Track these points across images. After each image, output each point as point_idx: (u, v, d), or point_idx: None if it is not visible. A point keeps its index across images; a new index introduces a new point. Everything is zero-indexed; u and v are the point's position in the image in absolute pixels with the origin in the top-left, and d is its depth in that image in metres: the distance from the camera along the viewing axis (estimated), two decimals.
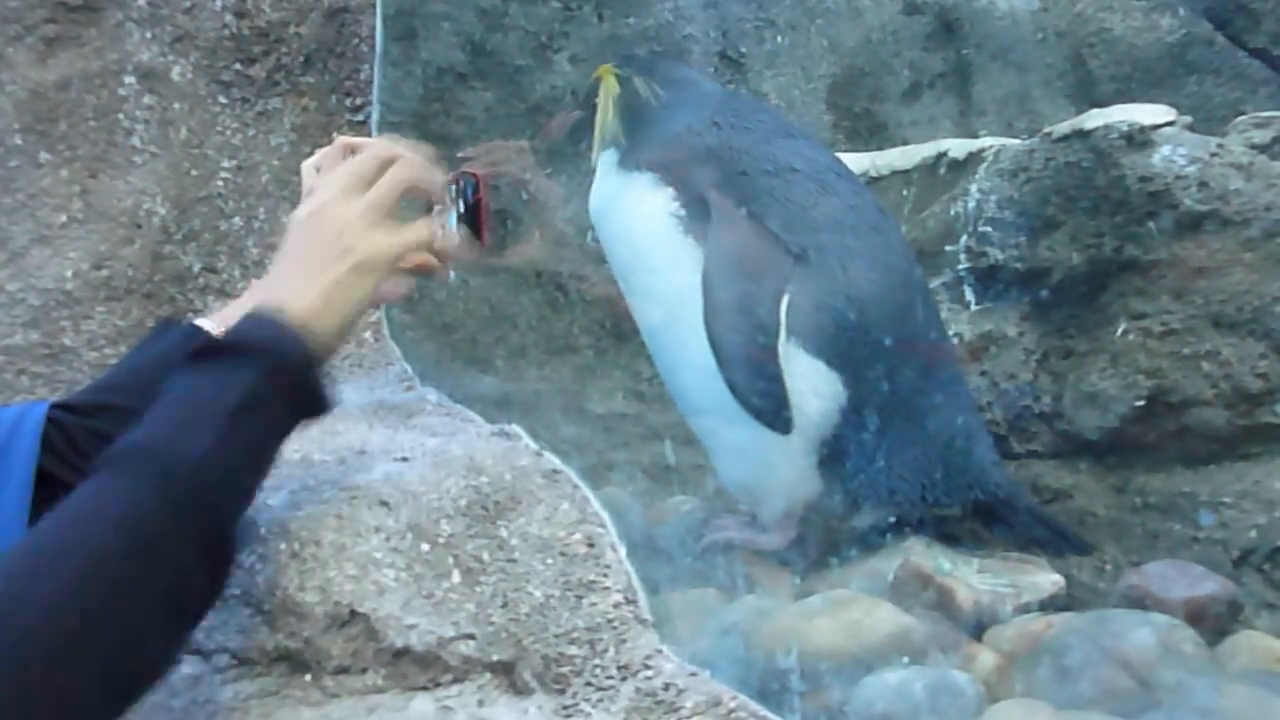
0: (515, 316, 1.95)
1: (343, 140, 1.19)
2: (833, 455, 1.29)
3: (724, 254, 1.25)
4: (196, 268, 1.63)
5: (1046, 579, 1.28)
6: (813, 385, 1.26)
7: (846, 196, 1.34)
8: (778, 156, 1.32)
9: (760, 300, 1.24)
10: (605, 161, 1.42)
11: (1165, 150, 1.45)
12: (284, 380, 0.89)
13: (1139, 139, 1.46)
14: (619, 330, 1.92)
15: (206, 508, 0.82)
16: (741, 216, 1.27)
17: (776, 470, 1.30)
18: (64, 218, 1.61)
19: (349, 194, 1.00)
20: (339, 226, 0.98)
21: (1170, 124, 1.47)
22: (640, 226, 1.32)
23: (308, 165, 1.20)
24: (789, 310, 1.25)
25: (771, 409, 1.24)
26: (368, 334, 1.62)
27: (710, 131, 1.32)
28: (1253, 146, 1.49)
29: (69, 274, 1.58)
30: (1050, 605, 1.25)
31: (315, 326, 0.93)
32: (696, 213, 1.29)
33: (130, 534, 0.77)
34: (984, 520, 1.35)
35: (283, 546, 0.97)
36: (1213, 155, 1.44)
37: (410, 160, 1.04)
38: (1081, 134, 1.50)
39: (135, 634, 0.77)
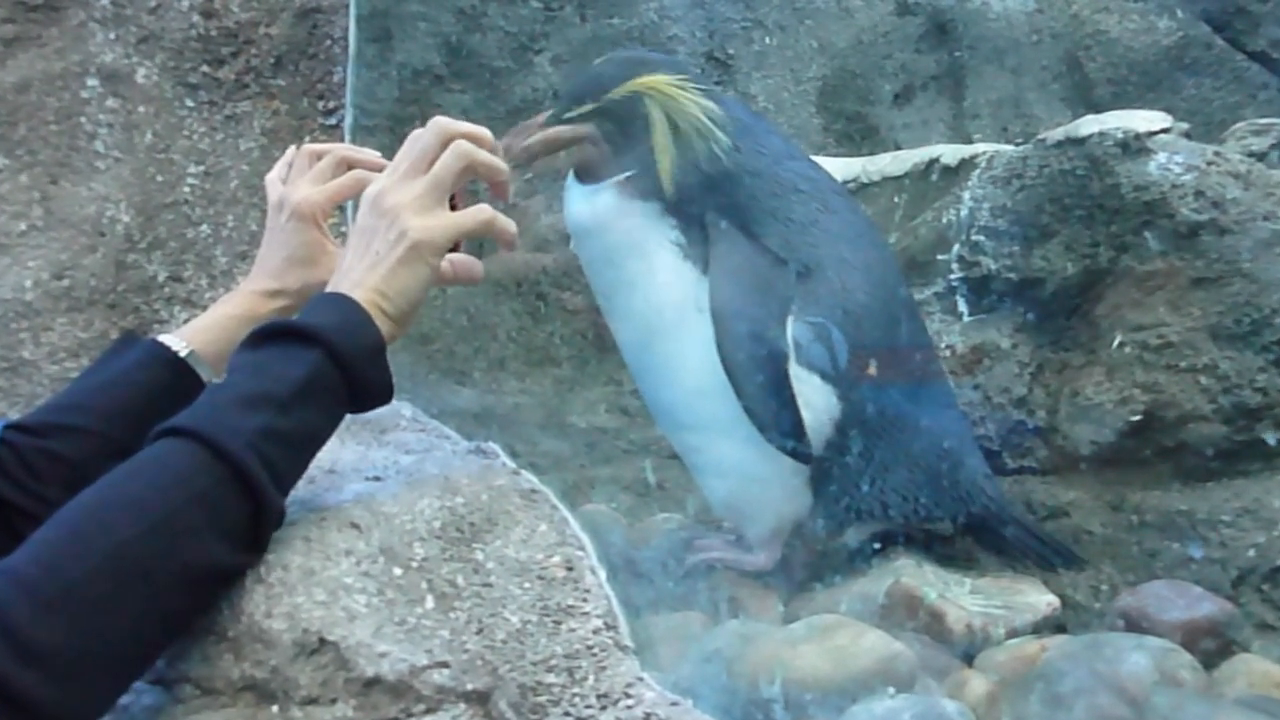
0: (494, 327, 1.95)
1: (308, 148, 1.19)
2: (824, 470, 1.30)
3: (731, 280, 1.27)
4: (162, 277, 1.62)
5: (1041, 599, 1.29)
6: (807, 399, 1.27)
7: (844, 214, 1.36)
8: (785, 178, 1.33)
9: (771, 326, 1.26)
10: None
11: (1161, 158, 1.45)
12: (347, 365, 0.95)
13: (1134, 146, 1.47)
14: (601, 341, 1.91)
15: (254, 484, 0.88)
16: (743, 240, 1.28)
17: (766, 487, 1.31)
18: (23, 225, 1.60)
19: (408, 177, 1.03)
20: (395, 212, 1.01)
21: (1166, 131, 1.48)
22: (638, 256, 1.31)
23: (271, 178, 1.20)
24: (791, 328, 1.27)
25: (791, 437, 1.26)
26: None
27: (727, 156, 1.30)
28: (1250, 154, 1.50)
29: (28, 284, 1.57)
30: (1044, 627, 1.26)
31: (377, 312, 0.99)
32: (697, 237, 1.30)
33: (183, 494, 0.85)
34: (976, 536, 1.36)
35: (248, 570, 0.97)
36: (1209, 163, 1.45)
37: (467, 144, 1.05)
38: (1075, 141, 1.51)
39: (174, 590, 0.86)
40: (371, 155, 1.21)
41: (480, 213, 1.05)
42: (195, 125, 1.65)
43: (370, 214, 1.02)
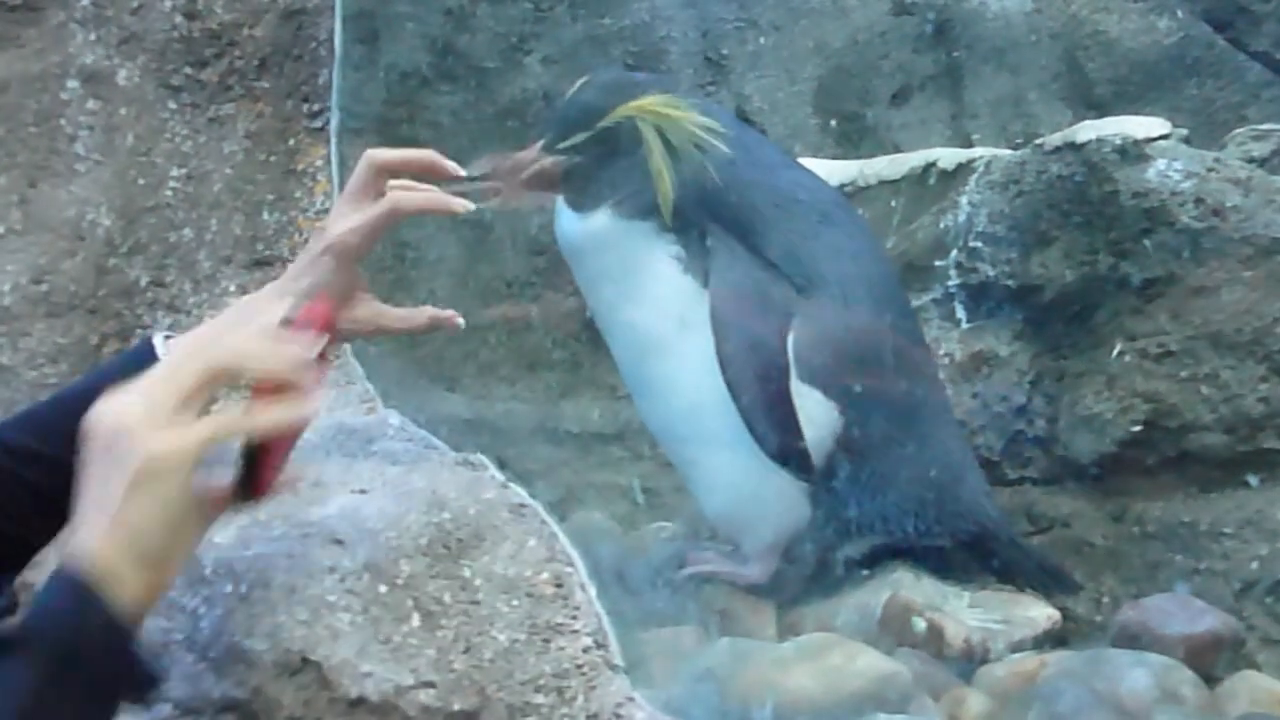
0: (485, 331, 1.95)
1: (379, 162, 1.09)
2: (823, 485, 1.30)
3: (732, 294, 1.28)
4: (144, 281, 1.61)
5: (1041, 613, 1.29)
6: (808, 414, 1.27)
7: (845, 225, 1.36)
8: (782, 189, 1.33)
9: (772, 341, 1.26)
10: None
11: (1160, 164, 1.46)
12: (81, 664, 0.78)
13: (1133, 152, 1.47)
14: (594, 345, 1.91)
15: None
16: (743, 253, 1.28)
17: (763, 500, 1.31)
18: (1, 229, 1.59)
19: (142, 388, 0.85)
20: (116, 429, 0.82)
21: (1165, 137, 1.48)
22: (637, 273, 1.31)
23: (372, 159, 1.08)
24: (792, 342, 1.27)
25: (793, 453, 1.27)
26: None
27: (723, 169, 1.30)
28: (1251, 160, 1.50)
29: (7, 288, 1.56)
30: (1045, 641, 1.26)
31: (118, 569, 0.79)
32: (697, 251, 1.30)
33: None
34: (972, 553, 1.36)
35: (229, 588, 0.96)
36: (1209, 170, 1.45)
37: (221, 353, 0.86)
38: (1074, 146, 1.51)
39: None
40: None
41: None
42: (178, 128, 1.64)
43: (93, 434, 0.83)
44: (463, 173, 1.15)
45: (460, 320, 1.20)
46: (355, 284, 1.12)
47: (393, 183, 1.10)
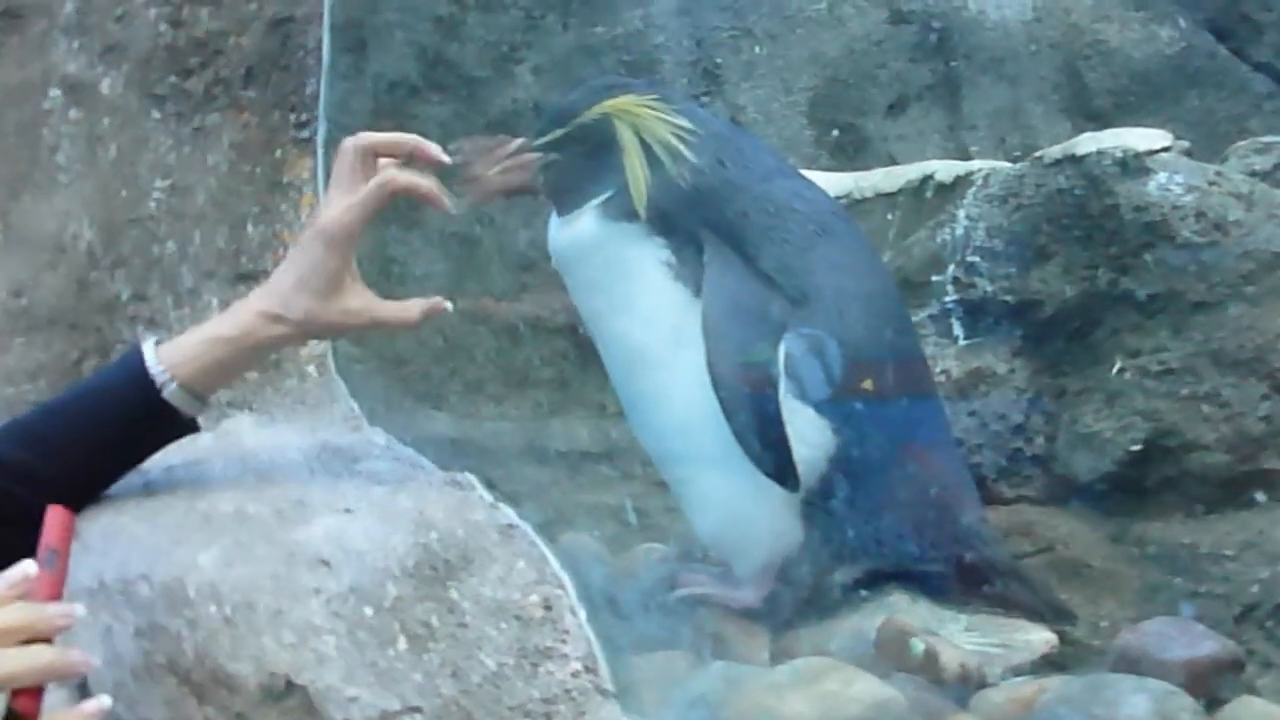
0: (471, 348, 1.95)
1: (365, 145, 1.14)
2: (816, 506, 1.31)
3: (724, 307, 1.28)
4: (126, 296, 1.62)
5: (1039, 637, 1.29)
6: (801, 432, 1.27)
7: (843, 237, 1.37)
8: (778, 197, 1.33)
9: (764, 356, 1.27)
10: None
11: (1161, 178, 1.47)
12: None
13: (1134, 165, 1.48)
14: (583, 362, 1.91)
15: None
16: (737, 263, 1.28)
17: (757, 521, 1.31)
18: None
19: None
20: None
21: (1166, 149, 1.49)
22: (627, 278, 1.31)
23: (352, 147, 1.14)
24: (784, 356, 1.27)
25: (782, 466, 1.26)
26: (311, 368, 1.60)
27: (711, 172, 1.30)
28: (1253, 174, 1.51)
29: None
30: (1043, 666, 1.26)
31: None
32: (688, 257, 1.30)
33: None
34: (967, 579, 1.37)
35: (213, 610, 0.97)
36: (1211, 183, 1.46)
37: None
38: (1073, 159, 1.52)
39: None
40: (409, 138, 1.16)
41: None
42: (162, 138, 1.65)
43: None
44: (447, 159, 1.16)
45: (447, 304, 1.21)
46: (347, 271, 1.14)
47: (383, 160, 1.14)
